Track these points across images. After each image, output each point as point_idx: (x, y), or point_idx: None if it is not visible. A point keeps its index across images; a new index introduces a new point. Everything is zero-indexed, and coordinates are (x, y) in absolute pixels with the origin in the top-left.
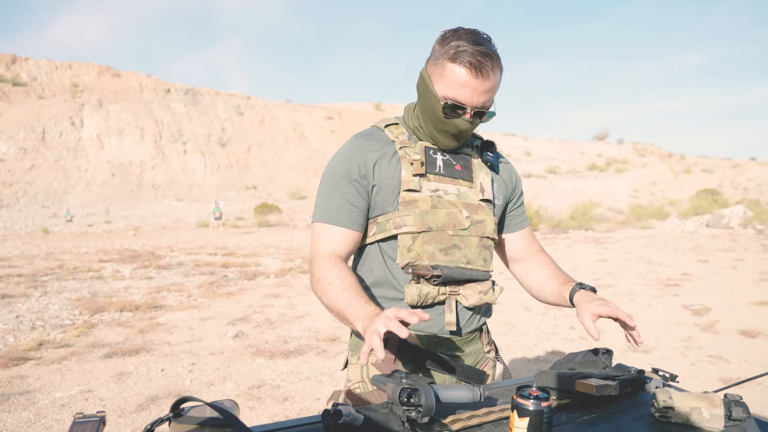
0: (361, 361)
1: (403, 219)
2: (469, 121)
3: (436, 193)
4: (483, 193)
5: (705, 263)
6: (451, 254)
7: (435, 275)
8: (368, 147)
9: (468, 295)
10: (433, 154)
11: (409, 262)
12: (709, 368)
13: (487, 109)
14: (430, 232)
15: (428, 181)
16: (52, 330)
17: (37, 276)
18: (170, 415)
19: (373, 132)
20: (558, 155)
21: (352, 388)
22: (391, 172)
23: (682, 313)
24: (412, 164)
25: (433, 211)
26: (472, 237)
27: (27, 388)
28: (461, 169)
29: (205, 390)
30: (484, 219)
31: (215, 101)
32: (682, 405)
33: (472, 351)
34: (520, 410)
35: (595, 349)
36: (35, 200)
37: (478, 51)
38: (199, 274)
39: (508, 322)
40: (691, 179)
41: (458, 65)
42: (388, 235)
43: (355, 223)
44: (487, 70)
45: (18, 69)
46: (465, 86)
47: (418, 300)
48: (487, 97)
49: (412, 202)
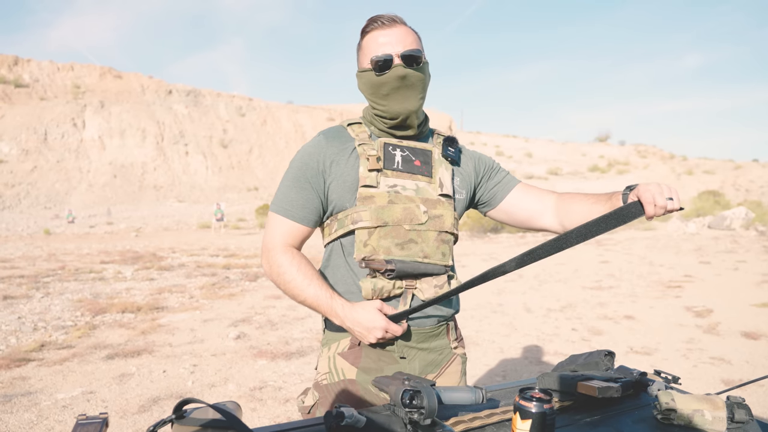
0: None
1: (359, 214)
2: (403, 66)
3: (393, 189)
4: (442, 188)
5: (707, 265)
6: (407, 249)
7: (389, 269)
8: (328, 144)
9: (424, 289)
10: (392, 150)
11: (365, 257)
12: (711, 370)
13: (418, 53)
14: (386, 227)
15: (386, 176)
16: (54, 331)
17: (39, 277)
18: (173, 416)
19: (336, 130)
20: (560, 157)
21: (319, 380)
22: (349, 168)
23: (684, 314)
24: (368, 160)
25: (389, 206)
26: (429, 232)
27: (29, 389)
28: (420, 165)
29: (207, 391)
30: (442, 214)
31: (217, 102)
32: (684, 407)
33: (438, 346)
34: (523, 412)
35: (597, 351)
36: (37, 201)
37: (380, 14)
38: (201, 275)
39: (509, 324)
40: (693, 181)
41: (370, 32)
42: (346, 230)
43: (307, 219)
44: (393, 22)
45: (20, 70)
46: (380, 42)
47: (372, 294)
48: (406, 41)
49: (369, 198)
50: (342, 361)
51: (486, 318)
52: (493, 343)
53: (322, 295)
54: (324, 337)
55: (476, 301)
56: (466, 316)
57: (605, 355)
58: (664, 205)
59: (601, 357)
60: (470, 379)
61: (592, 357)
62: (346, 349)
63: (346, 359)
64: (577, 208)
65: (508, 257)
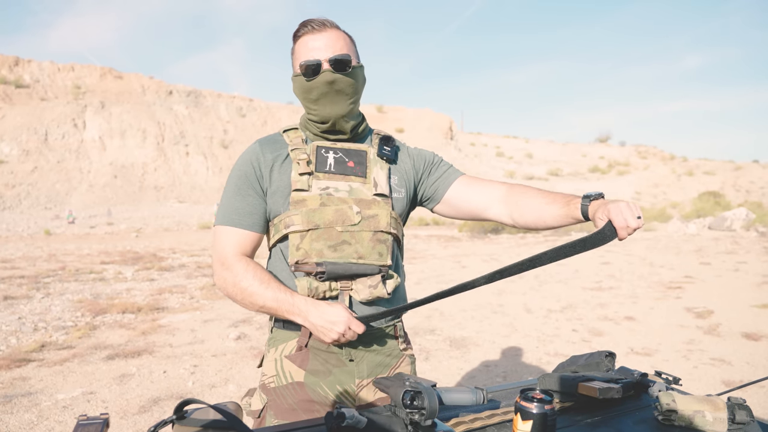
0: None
1: (291, 218)
2: (332, 71)
3: (326, 191)
4: (377, 188)
5: (707, 266)
6: (340, 250)
7: (319, 272)
8: (263, 151)
9: (359, 289)
10: (324, 153)
11: (297, 260)
12: (711, 371)
13: (347, 58)
14: (318, 230)
15: (318, 179)
16: (55, 332)
17: (39, 278)
18: (174, 417)
19: (272, 137)
20: (560, 157)
21: (266, 382)
22: (283, 174)
23: (685, 315)
24: (299, 164)
25: (320, 208)
26: (364, 232)
27: (29, 389)
28: (354, 166)
29: (207, 392)
30: (377, 213)
31: (217, 103)
32: (685, 408)
33: (386, 348)
34: (524, 413)
35: (598, 352)
36: (37, 202)
37: (311, 19)
38: (201, 275)
39: (510, 325)
40: (693, 181)
41: (300, 36)
42: (281, 235)
43: (256, 225)
44: (323, 26)
45: (21, 71)
46: (310, 47)
47: (309, 293)
48: (336, 46)
49: (300, 202)
50: (289, 363)
51: (486, 318)
52: (494, 344)
53: (282, 297)
54: (270, 337)
55: (476, 301)
56: (467, 316)
57: (606, 356)
58: (636, 226)
59: (601, 358)
60: (470, 380)
61: (592, 358)
62: (293, 352)
63: (293, 362)
64: (530, 203)
65: (508, 258)
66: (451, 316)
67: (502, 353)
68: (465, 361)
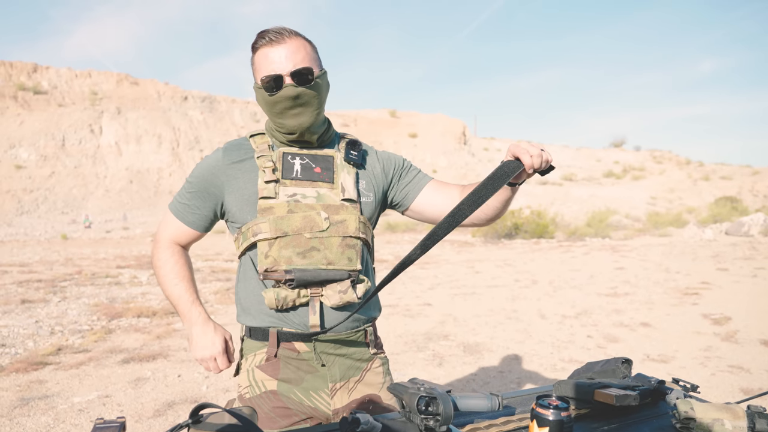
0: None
1: (259, 226)
2: (294, 85)
3: (293, 198)
4: (344, 193)
5: (724, 272)
6: (309, 257)
7: (288, 279)
8: (225, 158)
9: (329, 295)
10: (290, 159)
11: (266, 268)
12: (730, 379)
13: (309, 70)
14: (286, 237)
15: (285, 186)
16: (71, 335)
17: (56, 281)
18: (189, 421)
19: (238, 143)
20: (574, 162)
21: (242, 393)
22: (247, 182)
23: (702, 322)
24: (265, 172)
25: (288, 215)
26: (332, 238)
27: (46, 392)
28: (321, 171)
29: (221, 396)
30: (345, 219)
31: (231, 108)
32: (703, 416)
33: (357, 352)
34: (540, 420)
35: (614, 358)
36: (55, 206)
37: (267, 29)
38: (216, 280)
39: (524, 330)
40: (709, 186)
41: (258, 49)
42: (249, 243)
43: (197, 224)
44: (281, 37)
45: (39, 77)
46: (269, 59)
47: (276, 303)
48: (296, 57)
49: (268, 209)
50: (261, 373)
51: (500, 324)
52: (508, 350)
53: (184, 298)
54: (242, 346)
55: (490, 306)
56: (480, 322)
57: (622, 362)
58: (538, 153)
59: (618, 364)
60: (484, 386)
61: (609, 364)
62: (263, 362)
63: (265, 371)
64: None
65: (522, 263)
66: (465, 322)
67: (516, 359)
68: (479, 367)
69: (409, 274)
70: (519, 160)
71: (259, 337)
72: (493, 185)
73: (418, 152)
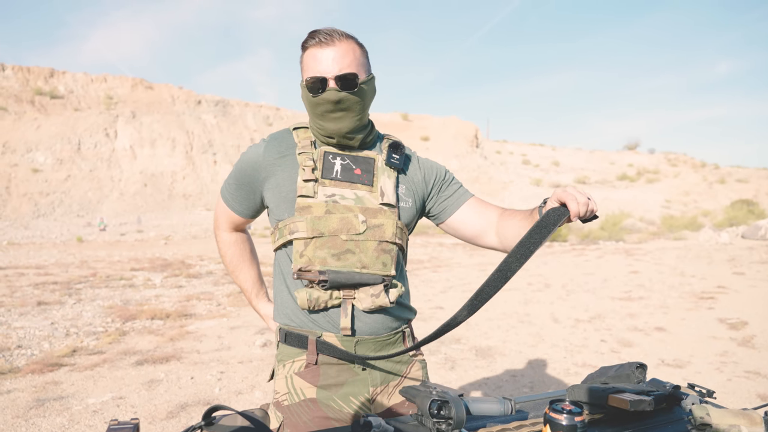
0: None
1: (296, 225)
2: (338, 89)
3: (331, 198)
4: (383, 197)
5: (741, 276)
6: (344, 259)
7: (322, 280)
8: (266, 153)
9: (362, 298)
10: (331, 159)
11: (300, 268)
12: (746, 384)
13: (354, 76)
14: (322, 238)
15: (324, 186)
16: (86, 337)
17: (71, 284)
18: (202, 423)
19: (281, 136)
20: (587, 165)
21: (280, 400)
22: (286, 179)
23: (718, 326)
24: (305, 170)
25: (326, 216)
26: (368, 241)
27: (61, 393)
28: (361, 174)
29: (234, 398)
30: (383, 223)
31: (245, 112)
32: (720, 422)
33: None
34: (553, 425)
35: (628, 363)
36: (70, 210)
37: (319, 29)
38: (228, 282)
39: (537, 334)
40: (725, 189)
41: (308, 49)
42: (285, 240)
43: (244, 213)
44: (331, 39)
45: (55, 82)
46: (317, 60)
47: (308, 304)
48: (344, 61)
49: (306, 208)
50: (300, 380)
51: (513, 328)
52: (520, 354)
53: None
54: (278, 352)
55: (503, 310)
56: (492, 326)
57: (637, 367)
58: (585, 202)
59: (632, 369)
60: (496, 390)
61: (623, 369)
62: (303, 368)
63: (304, 378)
64: (510, 223)
65: (535, 267)
66: (477, 326)
67: (528, 363)
68: (491, 371)
69: (421, 278)
70: (565, 206)
71: (295, 343)
72: (539, 235)
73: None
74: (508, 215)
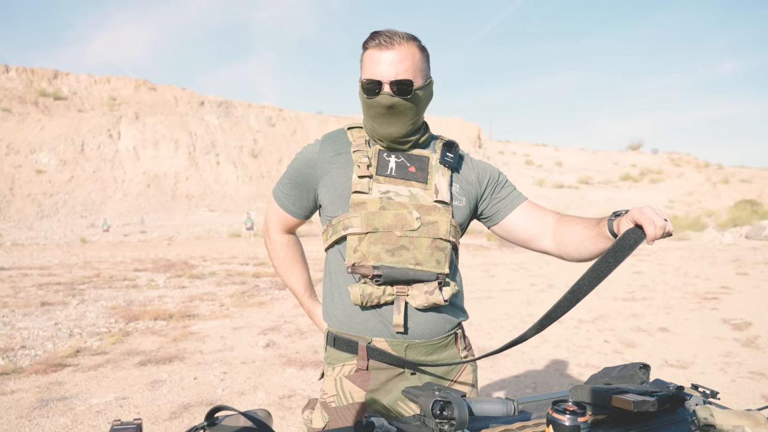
0: None
1: (350, 220)
2: (391, 94)
3: (386, 195)
4: (437, 195)
5: (745, 276)
6: (398, 255)
7: (376, 275)
8: (322, 152)
9: (415, 296)
10: (386, 157)
11: (354, 263)
12: (750, 385)
13: (409, 82)
14: (377, 233)
15: (379, 183)
16: (89, 337)
17: (75, 284)
18: (205, 423)
19: (336, 135)
20: (590, 165)
21: (327, 401)
22: (341, 176)
23: (722, 327)
24: (359, 167)
25: (380, 212)
26: (422, 238)
27: (64, 394)
28: (415, 171)
29: (237, 399)
30: (437, 220)
31: (247, 113)
32: (724, 423)
33: (448, 356)
34: (556, 425)
35: (631, 363)
36: (74, 210)
37: (381, 30)
38: (231, 283)
39: (540, 335)
40: (729, 189)
41: (367, 49)
42: (339, 236)
43: (297, 213)
44: (391, 42)
45: (59, 83)
46: (374, 62)
47: (361, 300)
48: (401, 66)
49: (360, 204)
50: (349, 384)
51: (516, 328)
52: (523, 354)
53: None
54: (327, 355)
55: (505, 311)
56: (496, 326)
57: (640, 367)
58: (663, 225)
59: (635, 370)
60: (499, 391)
61: (626, 369)
62: (353, 372)
63: (354, 382)
64: (571, 230)
65: (538, 267)
66: (480, 326)
67: (531, 364)
68: (494, 371)
69: None
70: (641, 228)
71: (344, 348)
72: (615, 259)
73: None
74: (567, 221)
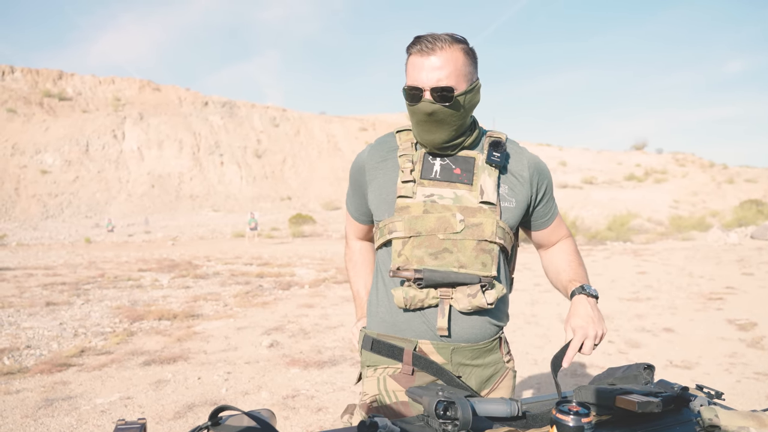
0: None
1: (394, 224)
2: (432, 102)
3: (430, 198)
4: (483, 196)
5: (750, 276)
6: (441, 258)
7: (417, 278)
8: (370, 156)
9: (459, 299)
10: (431, 160)
11: (398, 267)
12: (756, 386)
13: (449, 89)
14: (420, 237)
15: (423, 186)
16: (94, 337)
17: (79, 284)
18: (208, 423)
19: (385, 140)
20: (594, 165)
21: (368, 402)
22: (387, 180)
23: (727, 327)
24: (403, 171)
25: (423, 216)
26: (467, 240)
27: (69, 393)
28: (461, 173)
29: (240, 399)
30: (482, 222)
31: (251, 113)
32: (729, 424)
33: (492, 360)
34: (560, 426)
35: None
36: (79, 211)
37: (424, 35)
38: (235, 283)
39: (544, 335)
40: (734, 189)
41: (411, 55)
42: (384, 240)
43: (362, 219)
44: (433, 47)
45: (64, 84)
46: (417, 68)
47: (405, 302)
48: (441, 73)
49: (404, 208)
50: (393, 383)
51: (520, 329)
52: (527, 355)
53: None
54: (364, 358)
55: (509, 311)
56: None
57: (644, 368)
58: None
59: (640, 370)
60: None
61: (630, 370)
62: (398, 373)
63: (398, 381)
64: (555, 266)
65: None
66: None
67: (535, 364)
68: None
69: None
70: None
71: (386, 353)
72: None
73: None
74: (557, 254)
